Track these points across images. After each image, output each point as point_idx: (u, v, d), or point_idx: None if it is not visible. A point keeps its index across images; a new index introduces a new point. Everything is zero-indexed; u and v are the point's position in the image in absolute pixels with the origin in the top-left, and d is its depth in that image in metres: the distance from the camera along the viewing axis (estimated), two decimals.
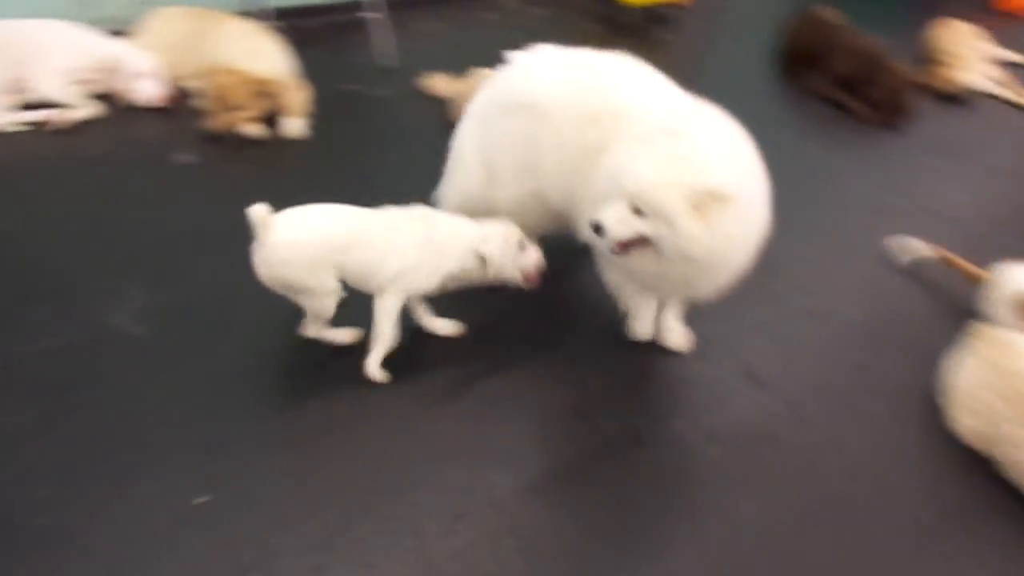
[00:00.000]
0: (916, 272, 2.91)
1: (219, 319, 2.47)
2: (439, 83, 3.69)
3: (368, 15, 4.07)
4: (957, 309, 2.74)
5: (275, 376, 2.30)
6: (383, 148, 3.43)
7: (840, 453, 2.22)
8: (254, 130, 3.41)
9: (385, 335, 2.25)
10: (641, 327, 2.51)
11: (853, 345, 2.60)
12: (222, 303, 2.52)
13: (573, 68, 2.33)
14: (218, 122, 3.33)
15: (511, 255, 2.26)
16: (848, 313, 2.72)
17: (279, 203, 2.11)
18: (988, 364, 2.20)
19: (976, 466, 2.17)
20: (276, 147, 3.39)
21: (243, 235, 2.09)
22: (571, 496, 2.04)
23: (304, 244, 2.10)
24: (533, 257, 2.30)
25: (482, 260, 2.24)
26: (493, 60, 3.47)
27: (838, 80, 4.16)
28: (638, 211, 1.97)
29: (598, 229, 2.01)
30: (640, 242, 2.02)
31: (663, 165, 1.94)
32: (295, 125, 3.47)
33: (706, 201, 1.91)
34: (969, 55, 4.57)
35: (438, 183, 2.68)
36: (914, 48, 4.82)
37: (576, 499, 2.03)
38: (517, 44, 2.54)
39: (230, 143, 3.35)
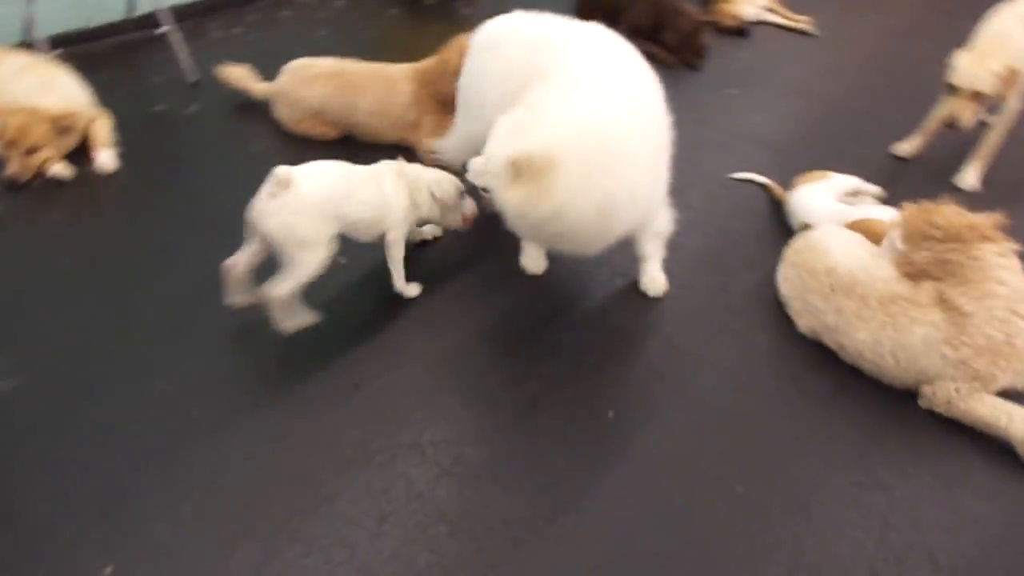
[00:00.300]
0: (745, 198, 3.18)
1: (72, 376, 2.29)
2: (255, 87, 3.54)
3: (158, 30, 3.82)
4: (783, 226, 3.03)
5: (152, 424, 2.17)
6: (203, 164, 3.27)
7: (716, 370, 2.42)
8: (60, 170, 3.13)
9: (398, 259, 2.58)
10: (531, 262, 2.75)
11: (702, 271, 2.82)
12: (75, 362, 2.34)
13: (536, 19, 2.53)
14: (18, 168, 3.03)
15: (455, 199, 2.64)
16: (691, 242, 2.93)
17: (106, 244, 1.99)
18: (803, 269, 2.49)
19: (826, 357, 2.44)
20: (89, 184, 3.14)
21: (78, 287, 1.95)
22: (486, 470, 2.09)
23: (313, 195, 2.29)
24: (470, 204, 2.71)
25: (436, 200, 2.59)
26: (302, 56, 3.42)
27: (637, 30, 4.39)
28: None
29: (465, 169, 2.29)
30: None
31: (501, 136, 2.12)
32: (104, 158, 3.22)
33: (525, 169, 2.02)
34: None
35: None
36: None
37: (491, 472, 2.08)
38: (320, 38, 2.51)
39: (37, 189, 3.07)
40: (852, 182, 3.02)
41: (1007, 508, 2.07)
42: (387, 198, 2.48)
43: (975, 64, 2.97)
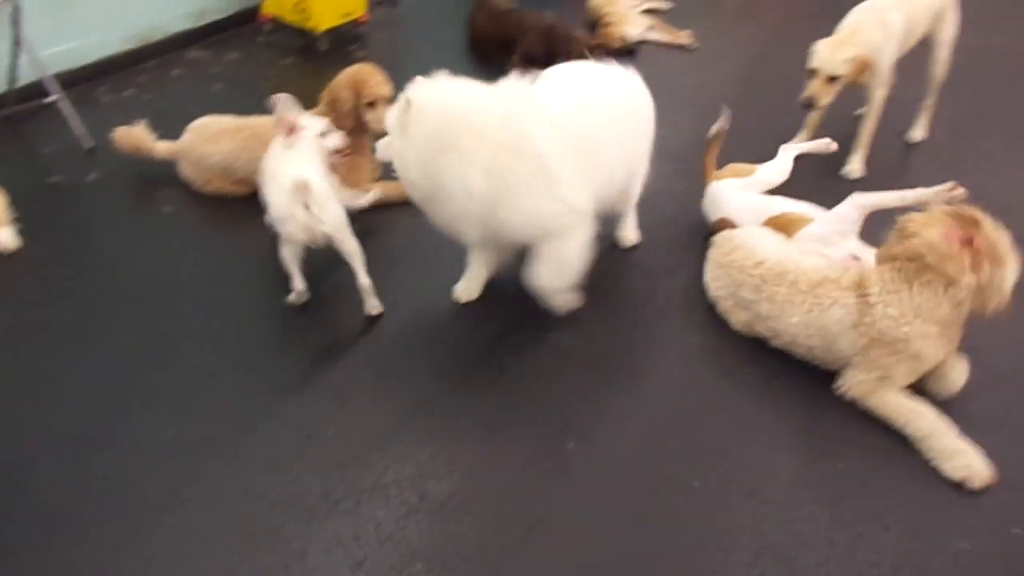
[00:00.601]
0: (654, 207, 3.32)
1: (5, 466, 2.17)
2: (157, 147, 3.44)
3: (46, 99, 3.68)
4: (695, 231, 3.19)
5: (99, 505, 2.08)
6: (112, 232, 3.17)
7: (658, 374, 2.52)
8: None
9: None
10: (463, 290, 2.82)
11: (627, 280, 2.93)
12: (5, 451, 2.22)
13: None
14: None
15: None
16: (612, 253, 3.04)
17: (19, 325, 1.92)
18: (732, 268, 2.61)
19: (756, 349, 2.57)
20: None
21: None
22: (453, 502, 2.10)
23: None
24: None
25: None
26: (200, 113, 3.37)
27: (530, 59, 4.52)
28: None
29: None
30: None
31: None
32: (3, 236, 3.07)
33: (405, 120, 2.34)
34: (623, 11, 5.20)
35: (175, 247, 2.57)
36: (580, 15, 5.38)
37: (458, 503, 2.10)
38: (216, 93, 2.51)
39: None
40: (774, 174, 3.18)
41: None
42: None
43: (831, 50, 3.23)
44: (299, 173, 2.48)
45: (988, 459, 2.18)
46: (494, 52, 4.73)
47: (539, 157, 2.36)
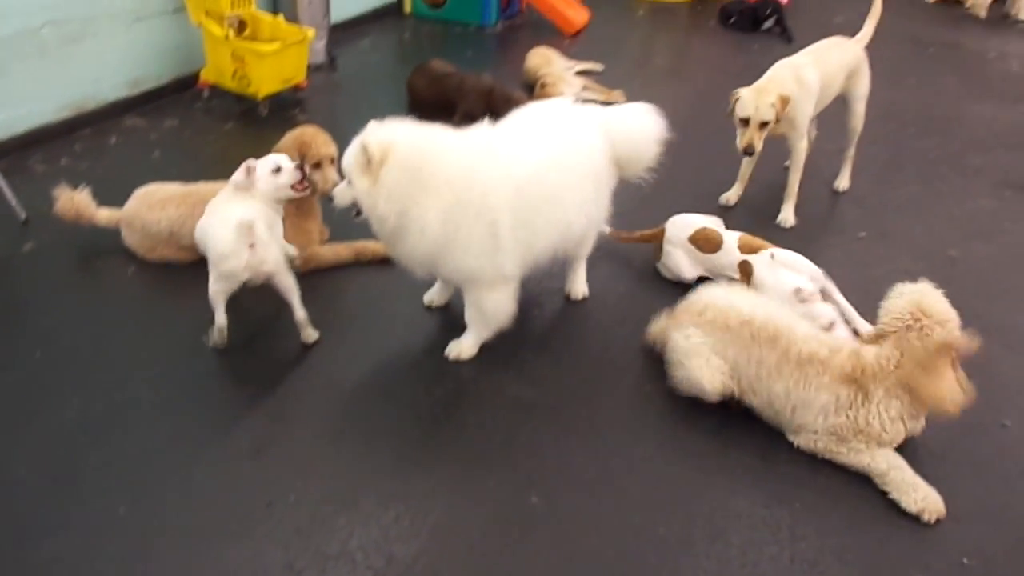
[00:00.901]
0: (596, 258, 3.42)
1: None
2: (99, 215, 3.37)
3: None
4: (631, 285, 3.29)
5: None
6: (53, 303, 3.07)
7: (616, 425, 2.57)
8: None
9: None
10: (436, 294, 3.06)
11: (577, 335, 2.99)
12: None
13: None
14: None
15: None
16: (557, 307, 3.10)
17: None
18: (715, 327, 2.54)
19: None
20: None
21: None
22: (420, 564, 2.07)
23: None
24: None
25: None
26: (139, 181, 3.34)
27: (471, 119, 4.61)
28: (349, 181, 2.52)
29: (331, 199, 2.64)
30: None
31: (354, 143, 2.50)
32: None
33: (367, 161, 2.43)
34: (560, 72, 5.40)
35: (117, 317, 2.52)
36: (517, 76, 5.56)
37: (425, 565, 2.07)
38: (155, 160, 2.52)
39: None
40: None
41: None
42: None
43: (756, 97, 3.44)
44: (245, 214, 2.57)
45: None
46: (434, 114, 4.78)
47: (494, 224, 2.50)
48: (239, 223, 2.53)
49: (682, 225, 3.31)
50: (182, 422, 2.51)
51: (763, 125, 3.46)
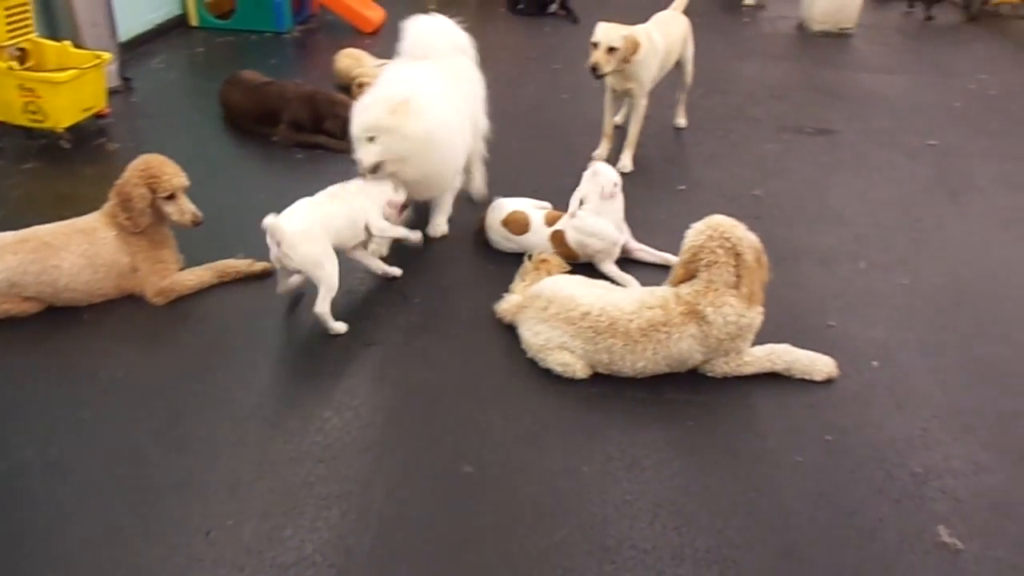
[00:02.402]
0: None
1: None
2: None
3: None
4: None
5: None
6: None
7: (499, 394, 2.76)
8: None
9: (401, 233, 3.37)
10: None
11: (461, 340, 3.16)
12: None
13: None
14: None
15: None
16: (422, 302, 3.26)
17: None
18: (559, 320, 2.74)
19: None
20: None
21: None
22: (375, 548, 2.15)
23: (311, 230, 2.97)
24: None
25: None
26: None
27: (298, 126, 4.61)
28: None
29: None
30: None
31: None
32: None
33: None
34: (374, 71, 5.45)
35: None
36: (327, 79, 5.55)
37: (380, 547, 2.16)
38: None
39: None
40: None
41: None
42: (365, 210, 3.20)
43: (609, 29, 4.03)
44: (273, 217, 2.91)
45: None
46: (255, 125, 4.74)
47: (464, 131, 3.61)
48: (264, 224, 2.88)
49: (496, 210, 3.58)
50: (85, 476, 2.38)
51: (610, 50, 3.98)
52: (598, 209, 3.32)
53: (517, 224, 3.48)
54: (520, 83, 5.76)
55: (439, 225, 3.71)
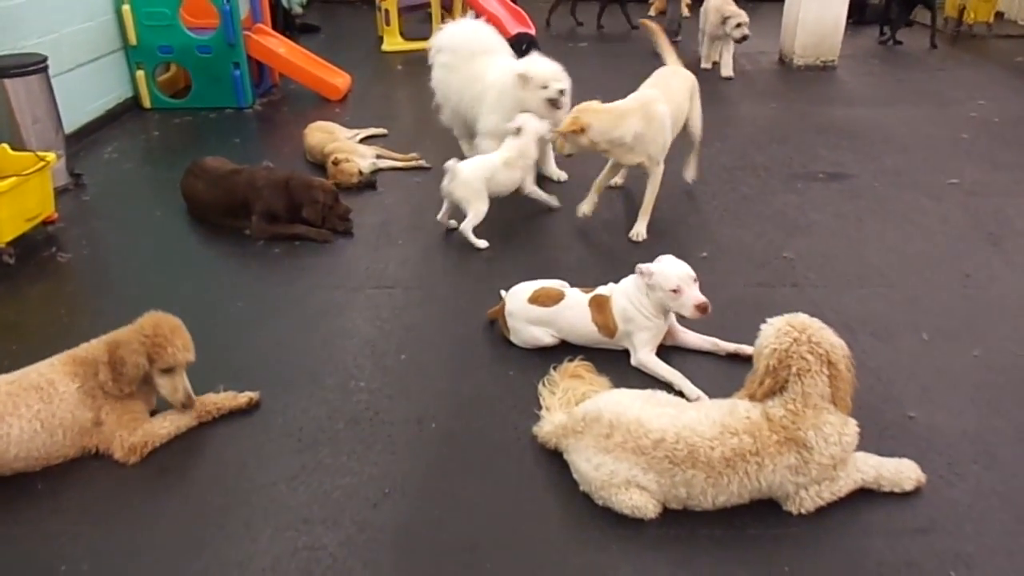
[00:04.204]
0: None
1: None
2: None
3: None
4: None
5: None
6: None
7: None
8: None
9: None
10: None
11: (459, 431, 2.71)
12: None
13: None
14: None
15: None
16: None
17: None
18: (627, 450, 2.29)
19: None
20: None
21: None
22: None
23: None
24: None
25: None
26: None
27: (273, 217, 4.15)
28: None
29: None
30: None
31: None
32: None
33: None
34: (349, 145, 5.04)
35: None
36: (298, 156, 5.13)
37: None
38: None
39: None
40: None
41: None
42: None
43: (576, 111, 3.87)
44: (454, 161, 3.97)
45: None
46: (224, 218, 4.27)
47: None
48: (446, 165, 3.95)
49: (515, 294, 3.16)
50: None
51: (566, 135, 3.78)
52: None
53: (549, 295, 3.08)
54: None
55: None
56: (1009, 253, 3.85)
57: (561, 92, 4.30)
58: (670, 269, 2.89)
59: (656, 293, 2.89)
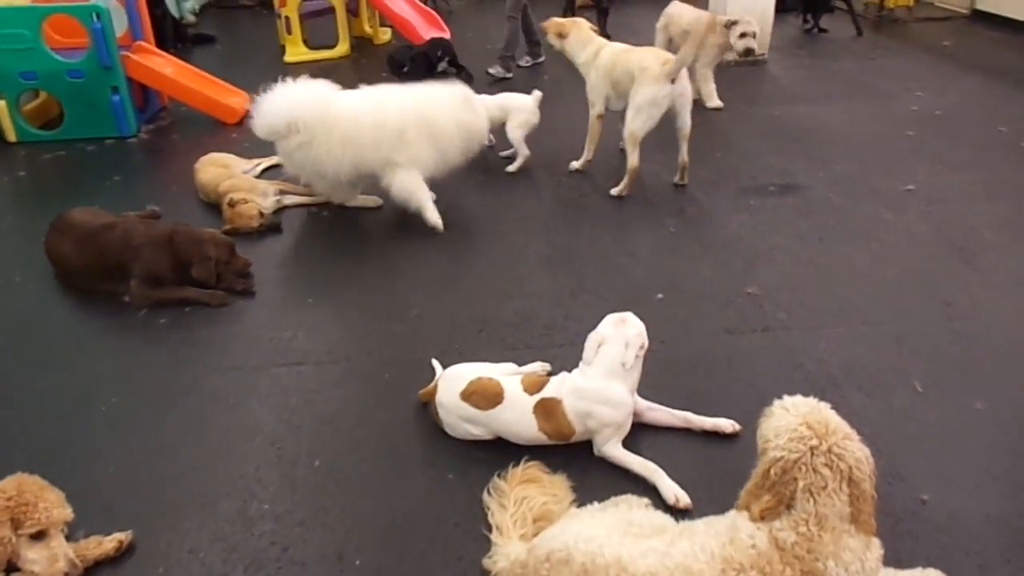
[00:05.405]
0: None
1: None
2: None
3: None
4: None
5: None
6: None
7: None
8: None
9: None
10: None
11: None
12: None
13: None
14: None
15: None
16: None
17: None
18: None
19: None
20: None
21: None
22: None
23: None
24: None
25: None
26: None
27: (157, 279, 3.50)
28: None
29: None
30: None
31: None
32: None
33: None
34: (246, 181, 4.40)
35: None
36: (191, 194, 4.47)
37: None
38: None
39: None
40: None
41: None
42: None
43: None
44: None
45: None
46: (98, 283, 3.60)
47: None
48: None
49: (450, 380, 2.62)
50: None
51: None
52: (612, 370, 2.42)
53: (484, 395, 2.51)
54: None
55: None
56: (984, 272, 3.52)
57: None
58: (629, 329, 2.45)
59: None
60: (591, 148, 4.69)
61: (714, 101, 5.85)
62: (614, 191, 4.35)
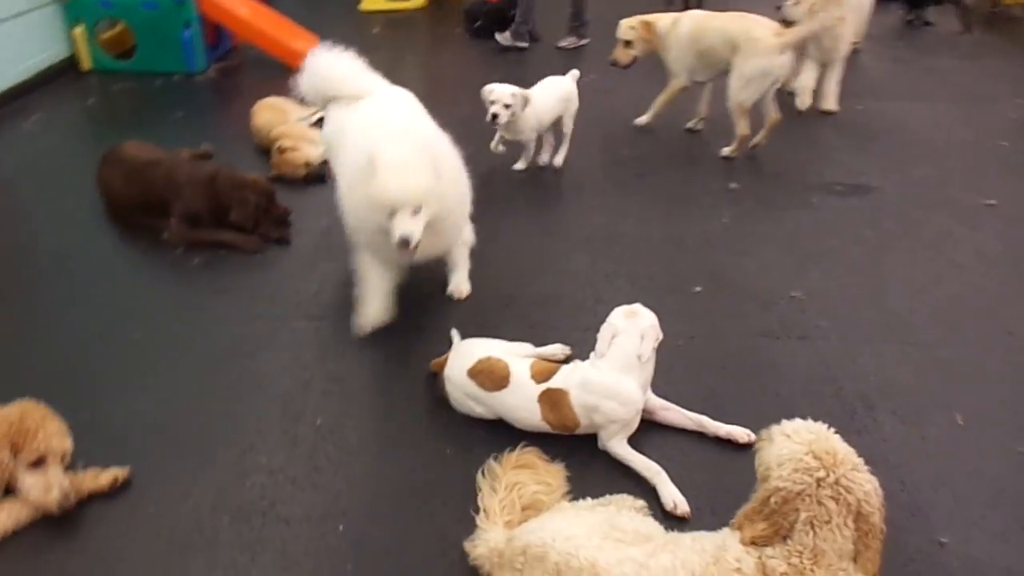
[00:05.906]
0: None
1: None
2: None
3: None
4: None
5: None
6: None
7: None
8: None
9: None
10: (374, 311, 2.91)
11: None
12: None
13: None
14: None
15: None
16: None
17: None
18: None
19: None
20: None
21: None
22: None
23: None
24: None
25: None
26: None
27: (195, 220, 3.53)
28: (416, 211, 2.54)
29: (407, 242, 2.53)
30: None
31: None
32: None
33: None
34: (299, 130, 4.39)
35: None
36: (248, 138, 4.49)
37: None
38: None
39: None
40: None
41: None
42: None
43: (625, 24, 4.54)
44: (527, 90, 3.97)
45: None
46: (142, 217, 3.66)
47: None
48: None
49: (460, 354, 2.56)
50: None
51: (627, 44, 4.54)
52: (627, 363, 2.32)
53: (491, 376, 2.45)
54: (478, 125, 4.73)
55: (461, 283, 3.17)
56: None
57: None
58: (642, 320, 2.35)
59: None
60: (655, 112, 4.74)
61: (830, 103, 5.24)
62: (725, 151, 4.41)
